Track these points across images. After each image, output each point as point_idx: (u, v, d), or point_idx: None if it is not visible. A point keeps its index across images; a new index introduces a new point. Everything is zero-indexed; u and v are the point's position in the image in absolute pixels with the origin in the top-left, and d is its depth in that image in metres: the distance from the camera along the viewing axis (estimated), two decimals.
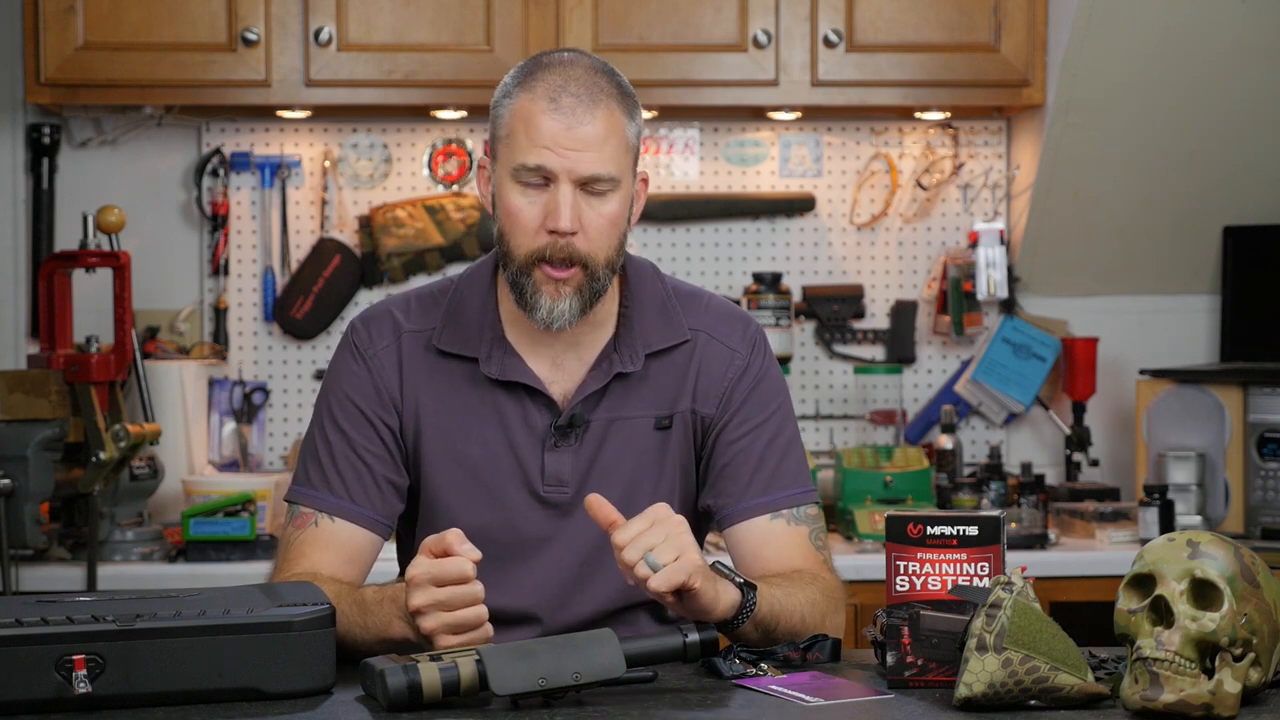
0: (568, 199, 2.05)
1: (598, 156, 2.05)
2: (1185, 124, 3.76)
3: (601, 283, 2.09)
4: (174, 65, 3.56)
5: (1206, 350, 4.03)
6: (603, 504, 1.92)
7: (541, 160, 2.05)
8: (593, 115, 2.05)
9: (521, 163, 2.06)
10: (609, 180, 2.06)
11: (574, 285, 2.08)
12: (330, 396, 2.19)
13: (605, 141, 2.06)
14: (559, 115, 2.05)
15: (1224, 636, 1.71)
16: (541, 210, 2.06)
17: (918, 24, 3.66)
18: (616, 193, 2.08)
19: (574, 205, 2.05)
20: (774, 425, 2.20)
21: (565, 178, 2.05)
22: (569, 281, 2.07)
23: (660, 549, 1.88)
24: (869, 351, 4.01)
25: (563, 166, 2.04)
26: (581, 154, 2.04)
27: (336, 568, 2.11)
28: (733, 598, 1.97)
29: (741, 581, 1.98)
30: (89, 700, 1.73)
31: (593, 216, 2.06)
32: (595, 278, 2.08)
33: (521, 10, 3.58)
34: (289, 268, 3.87)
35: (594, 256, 2.07)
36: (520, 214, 2.07)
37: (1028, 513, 3.59)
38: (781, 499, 2.17)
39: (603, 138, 2.05)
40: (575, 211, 2.05)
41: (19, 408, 3.18)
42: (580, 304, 2.08)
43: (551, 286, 2.07)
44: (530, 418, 2.15)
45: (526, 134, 2.06)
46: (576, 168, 2.05)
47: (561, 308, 2.08)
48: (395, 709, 1.75)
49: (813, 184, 3.98)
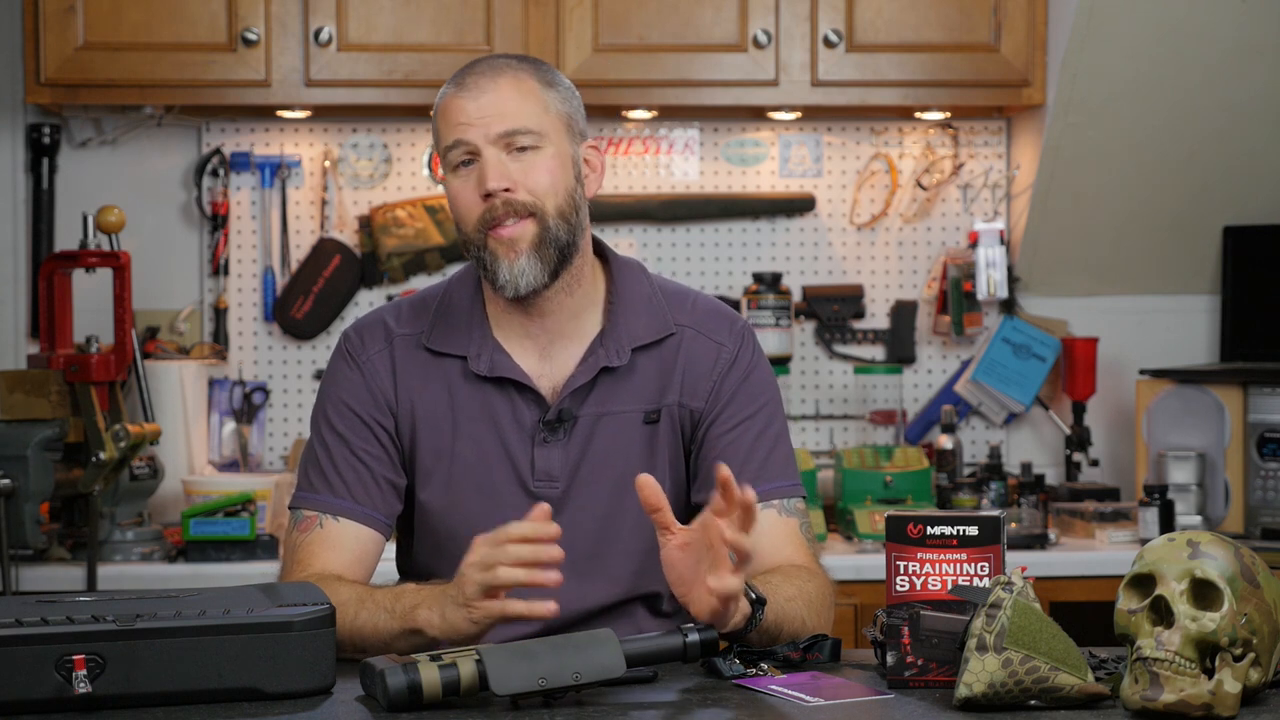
0: (491, 160, 2.10)
1: (508, 114, 2.10)
2: (1185, 124, 3.76)
3: (555, 233, 2.11)
4: (174, 65, 3.56)
5: (1206, 350, 4.03)
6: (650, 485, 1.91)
7: (458, 135, 2.11)
8: (495, 83, 2.12)
9: (445, 145, 2.13)
10: (528, 133, 2.11)
11: (527, 241, 2.11)
12: (327, 403, 2.21)
13: (518, 102, 2.11)
14: (464, 92, 2.12)
15: (1224, 636, 1.71)
16: (475, 183, 2.12)
17: (918, 24, 3.66)
18: (544, 148, 2.12)
19: (499, 164, 2.10)
20: (763, 418, 2.20)
21: (484, 142, 2.10)
22: (520, 238, 2.10)
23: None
24: (869, 351, 4.01)
25: (477, 134, 2.11)
26: (489, 116, 2.11)
27: (345, 568, 2.13)
28: (745, 612, 1.97)
29: (754, 597, 1.98)
30: (89, 700, 1.73)
31: (524, 169, 2.11)
32: (547, 227, 2.11)
33: (521, 10, 3.58)
34: (289, 268, 3.87)
35: (540, 205, 2.11)
36: (459, 194, 2.13)
37: (1028, 513, 3.60)
38: (771, 490, 2.17)
39: (512, 99, 2.11)
40: (501, 170, 2.10)
41: (19, 408, 3.18)
42: (539, 260, 2.11)
43: (505, 248, 2.11)
44: (519, 413, 2.16)
45: (445, 121, 2.14)
46: (489, 129, 2.10)
47: (520, 265, 2.11)
48: (395, 709, 1.75)
49: (813, 184, 3.98)
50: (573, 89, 2.19)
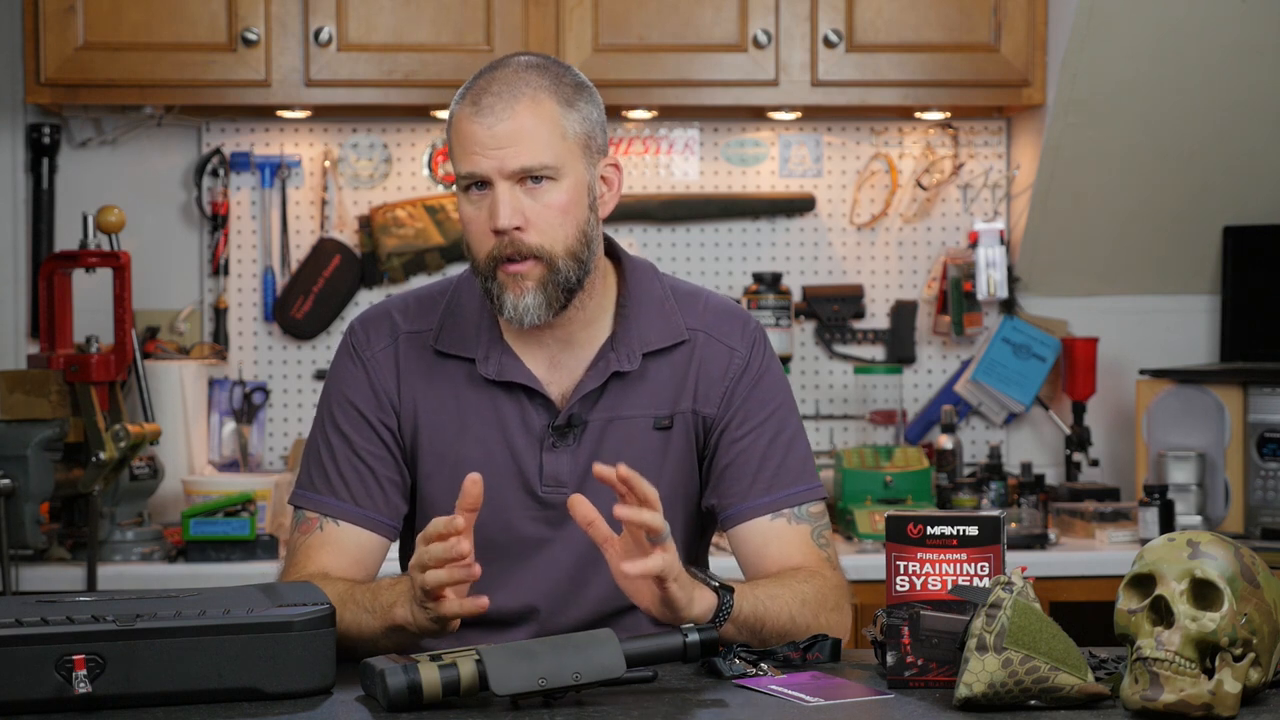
0: (504, 197, 2.05)
1: (523, 149, 2.05)
2: (1185, 124, 3.76)
3: (564, 274, 2.08)
4: (174, 65, 3.56)
5: (1206, 350, 4.03)
6: (584, 503, 1.91)
7: (472, 167, 2.06)
8: (512, 111, 2.05)
9: (458, 172, 2.09)
10: (544, 169, 2.06)
11: (534, 280, 2.07)
12: (330, 399, 2.20)
13: (533, 133, 2.05)
14: (479, 117, 2.06)
15: (1224, 636, 1.71)
16: (487, 212, 2.07)
17: (918, 24, 3.66)
18: (560, 181, 2.07)
19: (511, 202, 2.05)
20: (775, 423, 2.19)
21: (498, 176, 2.05)
22: (528, 276, 2.07)
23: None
24: (869, 351, 4.01)
25: (491, 167, 2.05)
26: (505, 150, 2.05)
27: (344, 571, 2.12)
28: (708, 602, 1.97)
29: (718, 584, 1.98)
30: (89, 700, 1.73)
31: (538, 209, 2.07)
32: (555, 269, 2.08)
33: (521, 10, 3.58)
34: (289, 268, 3.87)
35: (547, 248, 2.07)
36: (471, 222, 2.09)
37: (1028, 513, 3.60)
38: (782, 499, 2.17)
39: (527, 130, 2.05)
40: (514, 207, 2.05)
41: (19, 408, 3.18)
42: (545, 298, 2.08)
43: (512, 282, 2.08)
44: (528, 418, 2.15)
45: (459, 143, 2.08)
46: (504, 164, 2.05)
47: (525, 303, 2.08)
48: (395, 709, 1.75)
49: (813, 184, 3.98)
50: (593, 96, 2.13)
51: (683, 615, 1.93)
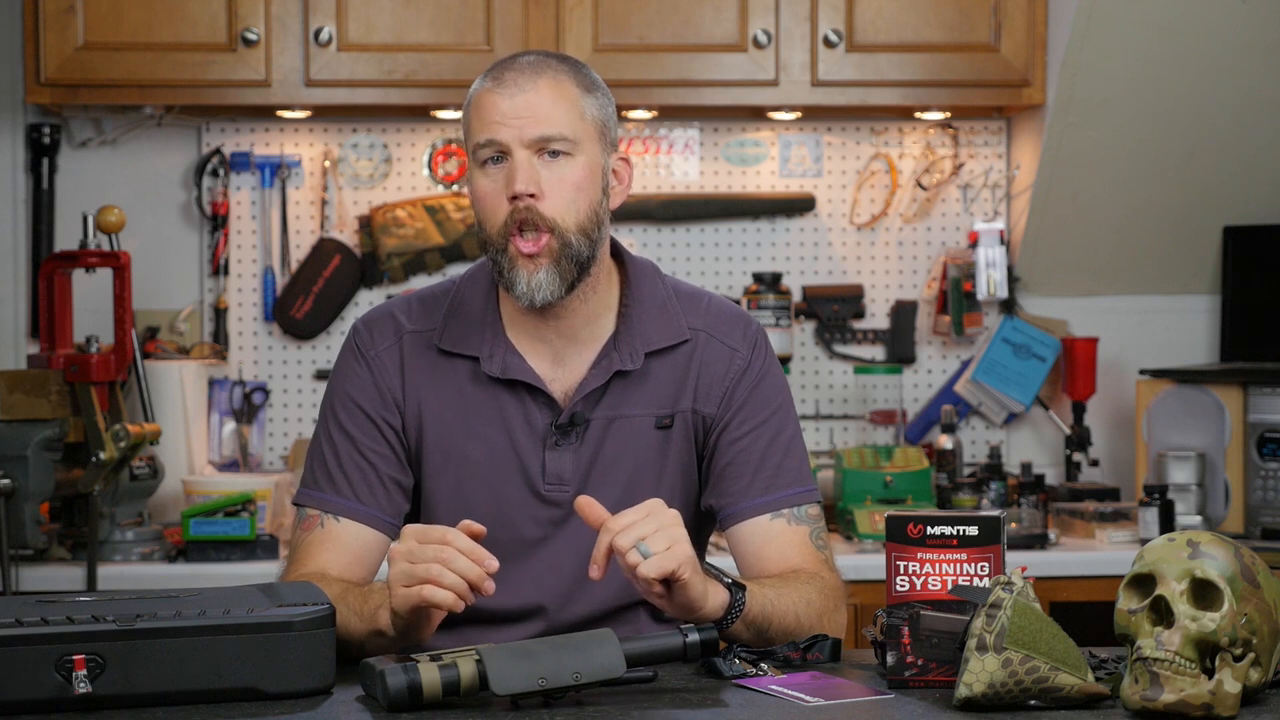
0: (522, 162, 2.07)
1: (545, 117, 2.08)
2: (1185, 124, 3.76)
3: (576, 249, 2.09)
4: (174, 65, 3.56)
5: (1206, 350, 4.03)
6: (592, 504, 1.93)
7: (491, 134, 2.08)
8: (535, 83, 2.09)
9: (476, 142, 2.10)
10: (561, 140, 2.08)
11: (548, 256, 2.08)
12: (334, 398, 2.20)
13: (553, 105, 2.08)
14: (503, 89, 2.09)
15: (1224, 636, 1.71)
16: (503, 183, 2.09)
17: (918, 24, 3.66)
18: (576, 156, 2.10)
19: (529, 168, 2.07)
20: (775, 425, 2.20)
21: (516, 144, 2.08)
22: (541, 253, 2.08)
23: (652, 539, 1.89)
24: (869, 351, 4.01)
25: (510, 135, 2.08)
26: (526, 118, 2.08)
27: (344, 568, 2.12)
28: (721, 597, 1.98)
29: (730, 581, 1.99)
30: (89, 700, 1.73)
31: (553, 180, 2.09)
32: (568, 244, 2.09)
33: (521, 10, 3.58)
34: (289, 268, 3.87)
35: (560, 220, 2.08)
36: (486, 194, 2.10)
37: (1028, 513, 3.60)
38: (782, 499, 2.17)
39: (549, 101, 2.08)
40: (531, 174, 2.07)
41: (19, 408, 3.18)
42: (559, 273, 2.09)
43: (525, 260, 2.08)
44: (531, 416, 2.16)
45: (478, 116, 2.10)
46: (524, 131, 2.07)
47: (538, 279, 2.09)
48: (395, 709, 1.75)
49: (813, 184, 3.98)
50: (608, 94, 2.17)
51: (697, 609, 1.94)
